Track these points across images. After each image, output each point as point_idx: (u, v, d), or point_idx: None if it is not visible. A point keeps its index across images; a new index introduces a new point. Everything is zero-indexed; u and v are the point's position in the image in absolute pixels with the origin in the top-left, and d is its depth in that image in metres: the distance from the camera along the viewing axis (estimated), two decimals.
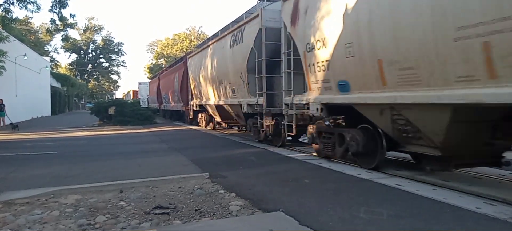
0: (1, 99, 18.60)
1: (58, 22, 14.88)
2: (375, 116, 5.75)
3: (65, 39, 16.87)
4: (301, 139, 10.75)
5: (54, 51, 62.67)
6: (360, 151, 6.17)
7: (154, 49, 61.70)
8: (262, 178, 5.68)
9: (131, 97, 48.58)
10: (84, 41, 66.38)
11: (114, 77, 74.08)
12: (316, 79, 6.95)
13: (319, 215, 3.72)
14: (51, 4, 14.40)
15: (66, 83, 47.11)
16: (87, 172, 6.33)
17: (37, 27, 51.92)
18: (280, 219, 3.62)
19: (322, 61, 6.65)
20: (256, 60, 9.40)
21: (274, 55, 9.05)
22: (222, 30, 12.96)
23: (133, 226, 3.59)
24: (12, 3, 14.37)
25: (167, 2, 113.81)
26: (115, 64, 71.48)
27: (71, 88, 49.71)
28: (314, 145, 7.79)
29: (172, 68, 24.49)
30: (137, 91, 46.32)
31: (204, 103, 15.10)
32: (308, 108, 7.27)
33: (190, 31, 58.27)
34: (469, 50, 3.98)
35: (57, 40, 62.99)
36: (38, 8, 14.98)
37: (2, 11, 14.17)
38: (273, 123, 9.32)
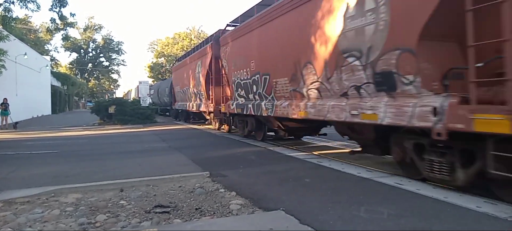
0: (6, 99, 18.59)
1: (58, 21, 14.86)
2: None
3: (65, 38, 16.80)
4: (303, 139, 10.84)
5: (54, 50, 62.82)
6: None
7: (154, 48, 61.66)
8: (262, 177, 5.68)
9: (132, 97, 48.52)
10: (84, 40, 66.32)
11: (114, 76, 74.14)
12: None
13: (319, 214, 3.72)
14: (51, 3, 14.39)
15: (66, 82, 47.13)
16: (88, 171, 6.34)
17: (37, 26, 51.96)
18: (281, 218, 3.63)
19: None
20: None
21: None
22: None
23: (133, 225, 3.59)
24: (12, 2, 14.35)
25: (167, 2, 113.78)
26: (115, 63, 71.48)
27: (71, 88, 49.72)
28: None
29: (192, 55, 17.88)
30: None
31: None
32: None
33: (190, 30, 58.23)
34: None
35: (57, 39, 63.07)
36: (38, 7, 14.94)
37: (2, 10, 14.16)
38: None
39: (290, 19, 7.76)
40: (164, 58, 57.73)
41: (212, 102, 14.07)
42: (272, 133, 10.96)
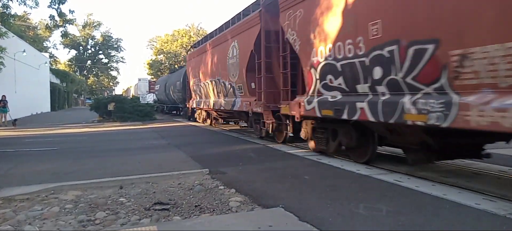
0: (4, 96, 18.54)
1: (57, 18, 14.83)
2: None
3: (64, 35, 16.84)
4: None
5: (53, 47, 62.49)
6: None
7: (153, 45, 61.53)
8: (261, 174, 5.68)
9: (132, 94, 48.27)
10: (83, 37, 66.13)
11: (114, 73, 74.03)
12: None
13: (318, 211, 3.73)
14: (50, 0, 14.35)
15: (66, 80, 47.03)
16: (87, 168, 6.34)
17: (36, 23, 51.79)
18: (280, 215, 3.63)
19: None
20: None
21: None
22: None
23: (133, 222, 3.59)
24: None
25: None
26: (114, 60, 71.34)
27: (71, 85, 49.63)
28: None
29: (221, 35, 12.89)
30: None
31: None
32: None
33: (189, 27, 58.08)
34: None
35: (56, 36, 62.98)
36: (37, 3, 14.93)
37: (0, 7, 14.12)
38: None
39: None
40: (163, 55, 57.59)
41: (259, 99, 9.60)
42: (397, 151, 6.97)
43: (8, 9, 14.79)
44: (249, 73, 10.04)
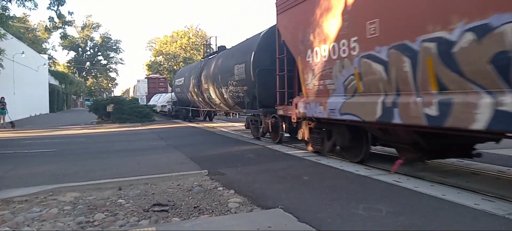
0: (3, 97, 18.50)
1: (56, 19, 14.82)
2: None
3: (63, 36, 16.77)
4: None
5: (52, 49, 62.53)
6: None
7: (152, 46, 61.54)
8: (260, 175, 5.68)
9: (131, 95, 48.09)
10: (82, 39, 66.06)
11: (112, 74, 73.94)
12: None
13: (317, 212, 3.72)
14: (49, 2, 14.35)
15: (64, 81, 46.94)
16: (86, 169, 6.32)
17: (35, 25, 51.75)
18: (279, 216, 3.63)
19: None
20: None
21: None
22: None
23: (131, 224, 3.59)
24: (10, 1, 14.31)
25: (164, 0, 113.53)
26: (113, 61, 71.27)
27: (69, 86, 49.54)
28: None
29: None
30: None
31: None
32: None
33: (188, 28, 58.12)
34: None
35: (55, 38, 62.86)
36: (36, 5, 14.92)
37: None
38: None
39: None
40: (162, 57, 57.60)
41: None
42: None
43: (7, 10, 14.78)
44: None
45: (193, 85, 16.79)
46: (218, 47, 15.46)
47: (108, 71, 72.45)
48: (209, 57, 15.93)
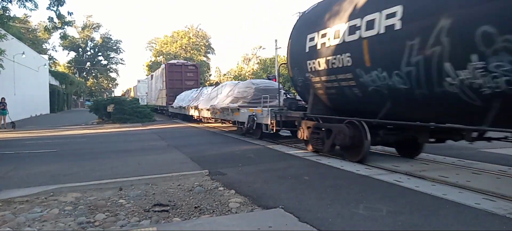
0: (3, 98, 18.52)
1: (56, 20, 14.83)
2: None
3: (63, 37, 16.75)
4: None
5: (52, 49, 62.27)
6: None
7: (152, 47, 61.60)
8: (261, 175, 5.68)
9: (130, 95, 48.06)
10: (82, 39, 66.12)
11: (113, 75, 73.97)
12: None
13: (318, 212, 3.72)
14: (49, 2, 14.36)
15: (65, 81, 46.98)
16: (86, 170, 6.33)
17: (35, 25, 51.77)
18: (280, 216, 3.63)
19: None
20: None
21: None
22: None
23: (132, 224, 3.59)
24: (10, 1, 14.33)
25: (164, 0, 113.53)
26: (113, 62, 71.31)
27: (70, 87, 49.58)
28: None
29: None
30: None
31: None
32: None
33: (189, 28, 58.15)
34: None
35: (55, 38, 62.88)
36: (36, 5, 14.92)
37: (0, 9, 14.13)
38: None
39: None
40: (163, 57, 57.64)
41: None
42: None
43: (8, 11, 14.80)
44: None
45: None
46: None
47: (108, 72, 72.49)
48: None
